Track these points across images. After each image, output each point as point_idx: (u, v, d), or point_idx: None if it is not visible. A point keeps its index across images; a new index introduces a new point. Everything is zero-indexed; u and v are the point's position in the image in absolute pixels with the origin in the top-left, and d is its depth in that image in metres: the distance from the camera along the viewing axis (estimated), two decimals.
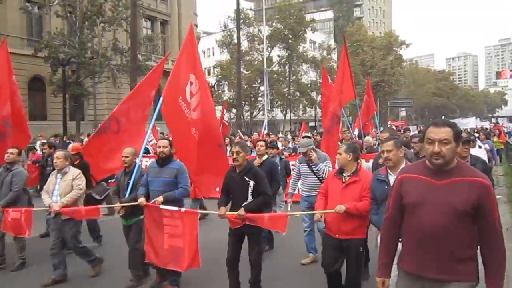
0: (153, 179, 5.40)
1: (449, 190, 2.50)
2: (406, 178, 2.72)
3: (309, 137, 11.20)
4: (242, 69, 36.57)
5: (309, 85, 45.48)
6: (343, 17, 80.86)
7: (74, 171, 5.85)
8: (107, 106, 33.44)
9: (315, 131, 24.08)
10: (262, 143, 7.04)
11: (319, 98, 34.81)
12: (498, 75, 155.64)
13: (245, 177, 4.90)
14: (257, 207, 4.84)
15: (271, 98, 40.48)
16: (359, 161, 4.86)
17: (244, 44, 40.68)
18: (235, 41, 35.02)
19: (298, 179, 6.68)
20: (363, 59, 51.82)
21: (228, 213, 4.88)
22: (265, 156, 6.85)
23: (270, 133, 22.45)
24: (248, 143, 13.50)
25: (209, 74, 57.85)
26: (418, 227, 2.58)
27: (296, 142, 14.26)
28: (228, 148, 13.17)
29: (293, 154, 11.69)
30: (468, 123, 31.99)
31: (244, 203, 4.82)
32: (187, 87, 6.06)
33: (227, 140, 14.15)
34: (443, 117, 33.36)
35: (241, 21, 36.09)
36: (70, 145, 8.00)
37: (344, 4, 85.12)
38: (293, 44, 42.20)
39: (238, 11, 32.24)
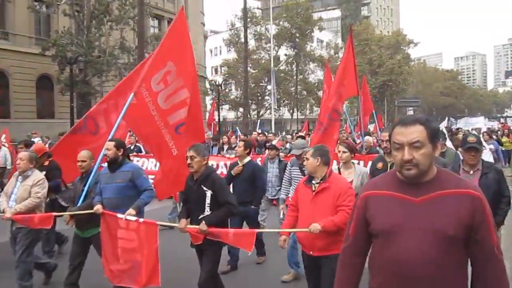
0: (105, 186, 4.84)
1: (432, 209, 1.86)
2: (373, 196, 2.03)
3: (304, 138, 10.70)
4: (249, 68, 36.52)
5: (316, 84, 45.34)
6: (351, 16, 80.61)
7: (36, 176, 5.21)
8: None
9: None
10: (241, 143, 6.38)
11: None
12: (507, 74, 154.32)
13: (202, 186, 4.31)
14: (218, 219, 4.26)
15: (278, 97, 40.39)
16: (354, 164, 4.79)
17: (251, 43, 40.63)
18: (242, 40, 34.99)
19: (290, 184, 6.12)
20: (370, 58, 51.57)
21: (189, 226, 4.32)
22: (247, 159, 6.21)
23: (273, 132, 22.23)
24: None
25: (216, 72, 57.96)
26: (393, 263, 1.89)
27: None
28: (225, 147, 12.84)
29: (289, 155, 11.34)
30: (477, 122, 31.71)
31: (202, 216, 4.26)
32: (156, 75, 5.37)
33: (224, 139, 14.03)
34: (450, 118, 32.73)
35: (248, 20, 36.02)
36: (33, 146, 7.11)
37: (351, 2, 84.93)
38: (300, 43, 42.10)
39: (245, 10, 32.21)
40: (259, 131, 18.81)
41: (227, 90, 44.63)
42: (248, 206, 5.95)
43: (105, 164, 5.01)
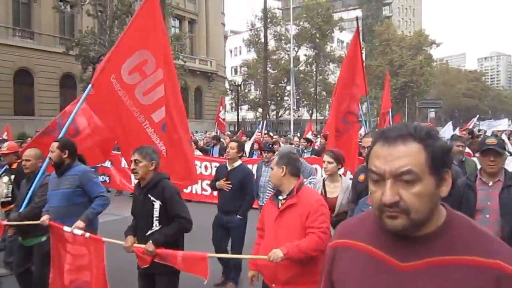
0: (52, 192, 4.23)
1: (424, 286, 1.13)
2: (344, 248, 1.33)
3: (311, 142, 10.39)
4: (268, 68, 36.56)
5: (336, 84, 45.06)
6: (372, 16, 79.83)
7: None
8: None
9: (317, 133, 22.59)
10: (233, 144, 5.53)
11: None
12: None
13: (149, 195, 3.59)
14: (168, 237, 3.51)
15: (297, 97, 40.29)
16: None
17: (271, 43, 40.65)
18: (262, 40, 35.05)
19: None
20: (391, 59, 51.00)
21: (136, 245, 3.60)
22: (238, 162, 5.50)
23: (273, 133, 21.66)
24: (248, 144, 12.50)
25: (236, 73, 58.16)
26: None
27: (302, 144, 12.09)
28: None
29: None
30: (500, 124, 30.65)
31: (150, 231, 3.55)
32: (125, 65, 4.74)
33: (227, 139, 13.44)
34: (475, 119, 31.44)
35: (268, 20, 36.06)
36: (6, 143, 6.56)
37: (373, 2, 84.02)
38: (320, 43, 41.92)
39: (265, 10, 32.27)
40: (265, 132, 18.17)
41: (246, 90, 44.73)
42: (232, 216, 5.27)
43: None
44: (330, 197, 4.40)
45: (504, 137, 8.60)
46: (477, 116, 31.08)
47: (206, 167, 10.35)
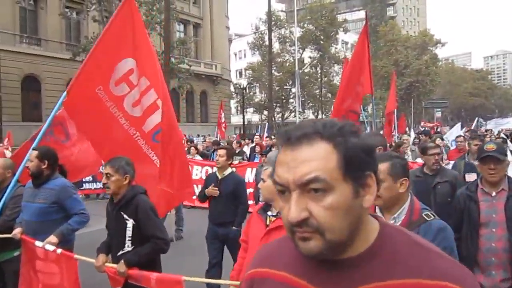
0: (26, 204, 3.87)
1: None
2: (261, 280, 1.07)
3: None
4: (273, 71, 36.58)
5: None
6: (376, 17, 79.70)
7: None
8: None
9: None
10: (222, 151, 5.17)
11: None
12: None
13: (122, 213, 3.29)
14: (142, 258, 3.23)
15: (303, 99, 40.28)
16: None
17: (276, 46, 40.68)
18: (267, 43, 35.08)
19: None
20: (396, 59, 50.91)
21: (108, 265, 3.37)
22: (228, 170, 5.13)
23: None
24: (247, 147, 12.49)
25: (240, 76, 58.29)
26: None
27: None
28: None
29: None
30: (508, 122, 30.11)
31: (121, 252, 3.29)
32: (113, 74, 4.46)
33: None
34: (479, 119, 30.62)
35: (273, 23, 36.11)
36: None
37: (377, 3, 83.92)
38: (325, 45, 41.91)
39: (269, 13, 32.34)
40: (266, 135, 17.69)
41: (251, 93, 44.81)
42: (229, 228, 4.98)
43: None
44: None
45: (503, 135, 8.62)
46: (476, 119, 30.51)
47: (207, 172, 9.90)
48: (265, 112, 38.61)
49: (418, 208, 2.36)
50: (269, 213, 2.79)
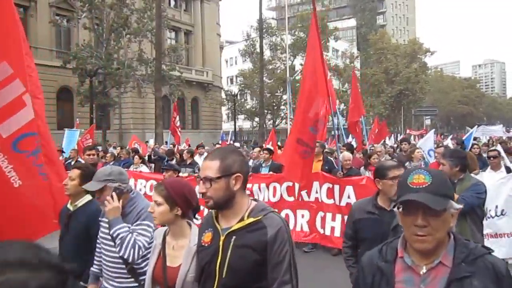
0: None
1: None
2: None
3: (272, 152, 9.12)
4: (264, 78, 36.71)
5: None
6: (366, 25, 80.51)
7: None
8: (132, 115, 34.18)
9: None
10: (74, 173, 3.42)
11: (342, 106, 34.58)
12: None
13: None
14: None
15: (294, 106, 40.30)
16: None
17: (267, 53, 40.86)
18: (258, 50, 35.23)
19: None
20: (386, 67, 51.39)
21: None
22: (84, 199, 3.43)
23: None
24: (199, 157, 10.73)
25: (231, 82, 58.32)
26: None
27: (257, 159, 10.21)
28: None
29: (250, 174, 7.55)
30: (496, 130, 30.16)
31: None
32: None
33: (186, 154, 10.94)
34: (468, 128, 30.81)
35: (264, 30, 36.30)
36: None
37: (367, 12, 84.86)
38: None
39: (260, 20, 32.50)
40: (232, 142, 16.64)
41: (243, 100, 44.88)
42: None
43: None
44: (171, 266, 2.36)
45: (499, 148, 8.02)
46: (466, 129, 30.22)
47: (151, 187, 7.91)
48: (257, 119, 38.68)
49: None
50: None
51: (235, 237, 1.93)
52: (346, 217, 6.46)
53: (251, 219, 1.94)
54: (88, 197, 3.43)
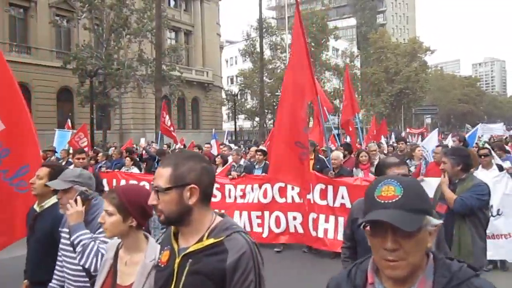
0: None
1: None
2: None
3: (266, 153, 8.50)
4: (264, 78, 36.71)
5: (332, 92, 45.34)
6: (366, 24, 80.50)
7: None
8: (132, 115, 34.21)
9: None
10: (42, 171, 3.15)
11: (342, 105, 34.62)
12: None
13: None
14: None
15: None
16: None
17: (267, 53, 40.85)
18: (258, 49, 35.22)
19: None
20: (386, 66, 51.40)
21: None
22: (50, 201, 3.13)
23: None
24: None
25: (232, 82, 58.36)
26: None
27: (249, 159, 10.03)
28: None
29: (243, 175, 8.02)
30: (496, 128, 29.90)
31: None
32: None
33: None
34: (467, 125, 30.84)
35: (264, 30, 36.29)
36: None
37: (367, 11, 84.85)
38: (316, 52, 42.18)
39: (260, 20, 32.49)
40: (220, 142, 16.02)
41: (243, 99, 44.88)
42: None
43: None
44: (121, 285, 2.09)
45: (488, 146, 7.84)
46: (466, 128, 30.09)
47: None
48: (257, 119, 38.69)
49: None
50: None
51: (191, 261, 1.60)
52: (340, 219, 6.60)
53: (211, 240, 1.60)
54: (53, 200, 3.09)
